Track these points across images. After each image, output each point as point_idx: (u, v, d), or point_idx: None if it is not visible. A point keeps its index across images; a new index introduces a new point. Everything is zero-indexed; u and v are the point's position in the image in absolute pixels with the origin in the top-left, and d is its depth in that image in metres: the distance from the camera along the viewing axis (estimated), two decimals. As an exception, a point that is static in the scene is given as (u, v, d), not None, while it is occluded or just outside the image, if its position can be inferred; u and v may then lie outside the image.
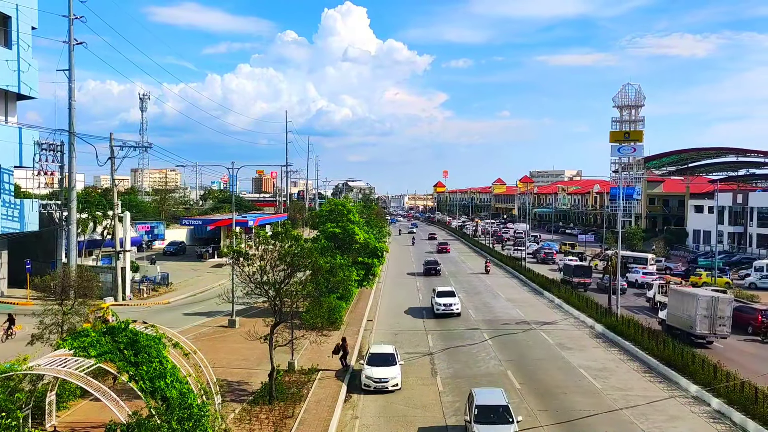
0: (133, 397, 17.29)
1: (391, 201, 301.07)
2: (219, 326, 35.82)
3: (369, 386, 24.51)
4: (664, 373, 27.26)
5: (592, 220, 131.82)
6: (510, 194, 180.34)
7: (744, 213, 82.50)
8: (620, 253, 43.14)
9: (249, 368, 26.83)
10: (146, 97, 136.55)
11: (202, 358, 19.99)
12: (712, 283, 53.37)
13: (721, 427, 21.24)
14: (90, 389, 14.87)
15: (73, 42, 41.19)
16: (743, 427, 21.01)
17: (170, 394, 15.73)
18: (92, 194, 76.34)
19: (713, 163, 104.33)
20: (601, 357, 30.50)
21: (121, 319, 17.65)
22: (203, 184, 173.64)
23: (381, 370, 24.67)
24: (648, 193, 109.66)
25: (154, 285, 48.58)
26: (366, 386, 24.62)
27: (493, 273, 64.40)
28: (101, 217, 51.24)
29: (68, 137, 41.69)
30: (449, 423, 21.42)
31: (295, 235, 25.64)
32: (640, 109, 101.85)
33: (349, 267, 37.86)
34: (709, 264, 63.97)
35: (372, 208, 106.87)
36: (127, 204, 69.68)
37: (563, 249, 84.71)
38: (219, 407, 19.56)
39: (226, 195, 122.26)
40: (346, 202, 48.81)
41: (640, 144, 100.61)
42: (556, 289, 48.05)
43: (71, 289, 26.10)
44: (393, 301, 46.33)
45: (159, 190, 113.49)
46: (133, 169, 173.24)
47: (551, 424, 21.10)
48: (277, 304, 22.95)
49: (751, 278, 57.13)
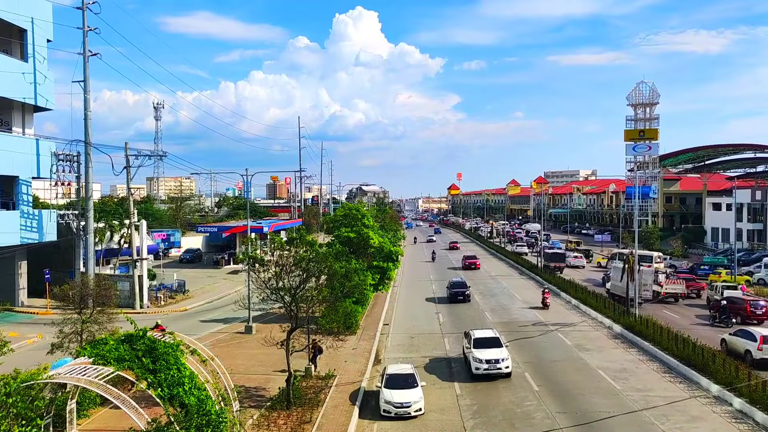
0: (152, 404, 17.40)
1: (405, 204, 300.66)
2: (236, 332, 35.96)
3: (389, 412, 22.33)
4: (684, 374, 26.95)
5: (608, 220, 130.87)
6: (525, 195, 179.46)
7: (763, 210, 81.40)
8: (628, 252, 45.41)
9: (266, 374, 26.91)
10: (160, 106, 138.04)
11: (219, 365, 20.08)
12: (732, 281, 52.83)
13: (744, 427, 20.95)
14: (109, 397, 14.98)
15: (88, 53, 41.62)
16: (766, 426, 20.71)
17: (189, 400, 15.80)
18: (109, 203, 77.26)
19: (730, 160, 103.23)
20: (619, 358, 30.22)
21: (139, 327, 17.77)
22: (218, 192, 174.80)
23: (401, 394, 22.55)
24: (664, 191, 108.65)
25: (171, 292, 48.91)
26: (386, 412, 22.44)
27: (509, 275, 64.10)
28: (118, 226, 51.70)
29: (84, 148, 42.13)
30: (467, 426, 21.33)
31: (310, 240, 25.70)
32: (654, 107, 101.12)
33: (365, 271, 37.86)
34: (715, 261, 64.19)
35: (386, 211, 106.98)
36: (144, 212, 70.25)
37: (569, 246, 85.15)
38: (237, 413, 19.63)
39: (241, 202, 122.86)
40: (360, 207, 48.94)
41: (655, 142, 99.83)
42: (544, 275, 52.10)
43: (90, 298, 26.33)
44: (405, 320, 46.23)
45: (174, 198, 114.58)
46: (149, 177, 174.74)
47: (570, 426, 20.94)
48: (293, 310, 23.01)
49: (760, 274, 56.65)
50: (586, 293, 45.80)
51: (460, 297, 46.27)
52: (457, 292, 46.86)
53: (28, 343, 33.43)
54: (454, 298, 46.53)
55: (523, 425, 21.08)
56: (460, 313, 42.54)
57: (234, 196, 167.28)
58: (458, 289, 47.27)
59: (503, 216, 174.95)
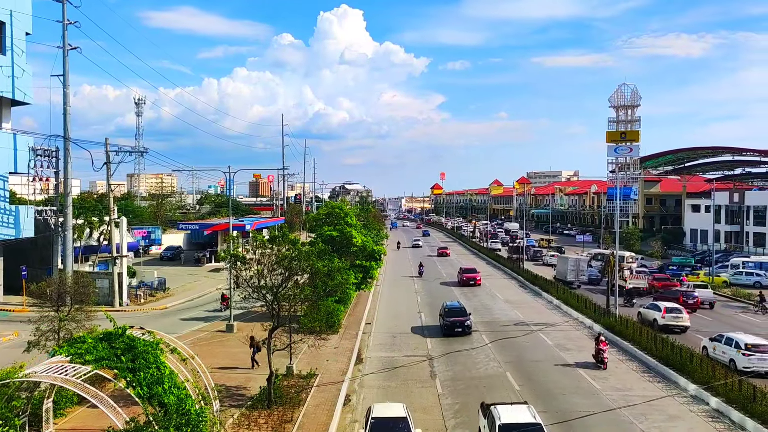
0: (130, 403, 17.20)
1: (389, 203, 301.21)
2: (217, 331, 35.71)
3: None
4: (662, 373, 27.26)
5: (590, 221, 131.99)
6: (507, 195, 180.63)
7: (740, 212, 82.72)
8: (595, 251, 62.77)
9: (247, 373, 26.74)
10: (142, 101, 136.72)
11: (200, 363, 19.90)
12: (710, 282, 53.65)
13: (720, 426, 21.23)
14: (87, 396, 14.78)
15: (68, 47, 41.02)
16: (742, 425, 21.00)
17: (168, 399, 15.64)
18: (88, 200, 76.29)
19: (709, 163, 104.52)
20: (599, 357, 30.47)
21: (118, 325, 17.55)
22: (200, 189, 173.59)
23: None
24: (645, 192, 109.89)
25: (151, 290, 48.43)
26: None
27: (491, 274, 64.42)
28: (97, 223, 51.06)
29: (63, 143, 41.54)
30: (448, 425, 21.37)
31: (293, 238, 25.57)
32: (636, 109, 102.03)
33: (347, 270, 37.78)
34: (683, 261, 67.18)
35: (369, 210, 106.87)
36: (124, 209, 69.48)
37: (542, 244, 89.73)
38: (217, 412, 19.47)
39: (223, 199, 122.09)
40: (343, 205, 48.81)
41: (636, 144, 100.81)
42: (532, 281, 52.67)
43: (67, 296, 25.96)
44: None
45: (155, 195, 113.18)
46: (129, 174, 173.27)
47: (551, 425, 21.03)
48: (274, 309, 22.89)
49: (725, 275, 58.13)
50: (567, 293, 46.25)
51: (458, 329, 34.89)
52: (453, 322, 35.16)
53: (4, 340, 32.91)
54: (450, 330, 35.05)
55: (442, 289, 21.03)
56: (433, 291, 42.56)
57: (216, 193, 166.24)
58: (455, 317, 35.42)
59: (486, 216, 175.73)
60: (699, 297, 44.22)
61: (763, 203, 79.18)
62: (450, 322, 35.16)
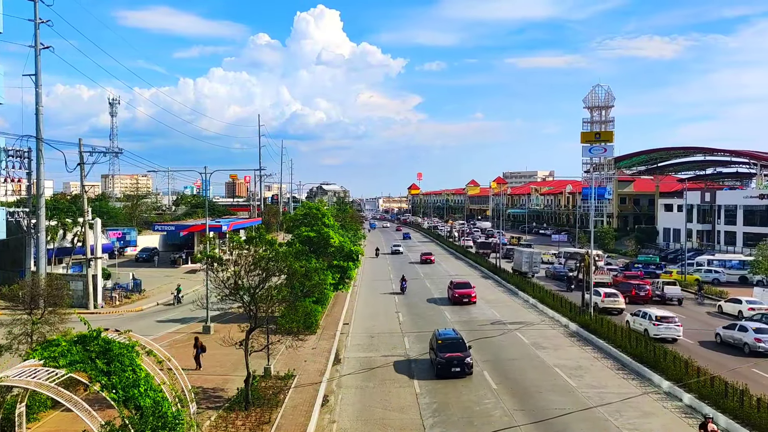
0: (105, 406, 17.03)
1: (366, 203, 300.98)
2: (194, 333, 35.35)
3: None
4: (637, 370, 27.67)
5: (566, 220, 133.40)
6: (484, 195, 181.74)
7: (712, 211, 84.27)
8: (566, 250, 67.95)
9: (225, 374, 26.58)
10: (116, 101, 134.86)
11: (176, 366, 19.74)
12: (683, 280, 54.67)
13: (693, 422, 21.60)
14: (61, 400, 14.58)
15: (40, 46, 40.40)
16: (714, 421, 21.39)
17: (144, 402, 15.49)
18: (61, 201, 75.20)
19: (682, 163, 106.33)
20: (575, 355, 30.86)
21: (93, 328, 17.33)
22: (176, 190, 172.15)
23: None
24: (619, 192, 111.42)
25: (126, 292, 47.85)
26: None
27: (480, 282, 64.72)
28: (71, 224, 50.34)
29: (36, 143, 40.89)
30: (426, 424, 21.47)
31: (270, 239, 25.47)
32: (610, 110, 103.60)
33: (325, 271, 37.70)
34: (647, 260, 69.86)
35: (347, 211, 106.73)
36: (98, 210, 68.55)
37: (512, 241, 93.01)
38: (194, 415, 19.34)
39: (200, 200, 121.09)
40: (320, 206, 48.72)
41: (610, 144, 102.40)
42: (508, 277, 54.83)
43: (41, 298, 25.56)
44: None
45: (130, 196, 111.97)
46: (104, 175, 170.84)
47: (528, 423, 21.27)
48: (252, 310, 22.79)
49: (697, 274, 58.99)
50: (543, 292, 46.75)
51: (456, 368, 26.95)
52: (450, 359, 26.97)
53: (-25, 345, 32.22)
54: (446, 370, 27.03)
55: (482, 423, 21.31)
56: (420, 312, 42.72)
57: (192, 194, 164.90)
58: (451, 353, 27.25)
59: (463, 216, 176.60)
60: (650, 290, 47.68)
61: (733, 203, 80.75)
62: (445, 359, 26.97)
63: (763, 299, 43.47)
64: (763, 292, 45.36)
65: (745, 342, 31.71)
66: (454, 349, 27.74)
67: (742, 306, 41.16)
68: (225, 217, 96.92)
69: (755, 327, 32.21)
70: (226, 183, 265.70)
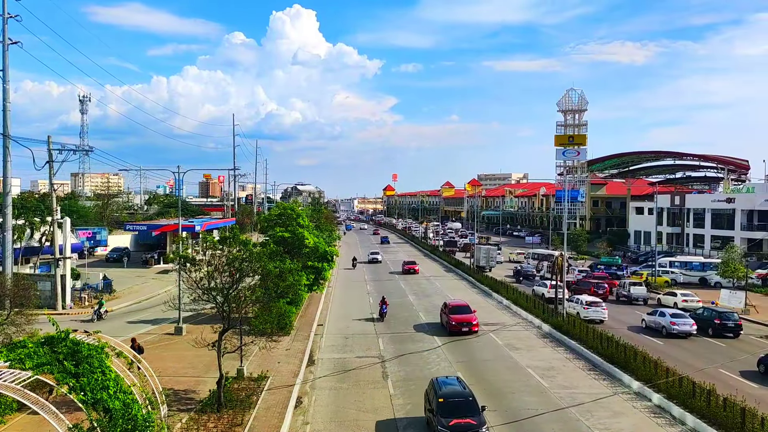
0: (73, 409, 16.70)
1: (341, 204, 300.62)
2: (165, 334, 34.98)
3: None
4: (608, 371, 28.03)
5: (539, 222, 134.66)
6: (459, 197, 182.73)
7: (681, 214, 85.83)
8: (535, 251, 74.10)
9: (197, 376, 26.28)
10: (86, 99, 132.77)
11: (147, 367, 19.46)
12: (653, 282, 55.65)
13: (662, 421, 21.97)
14: (27, 402, 14.25)
15: (8, 41, 39.56)
16: (682, 420, 21.80)
17: (113, 405, 15.24)
18: (29, 199, 73.68)
19: (652, 166, 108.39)
20: (548, 356, 31.14)
21: (60, 329, 17.00)
22: (148, 189, 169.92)
23: None
24: (591, 195, 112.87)
25: (96, 293, 47.04)
26: None
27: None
28: (39, 223, 49.32)
29: (2, 140, 40.00)
30: (400, 426, 21.46)
31: (244, 239, 25.26)
32: (583, 114, 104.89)
33: (299, 271, 37.57)
34: (610, 261, 71.49)
35: (321, 211, 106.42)
36: (67, 209, 67.38)
37: (481, 241, 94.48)
38: (165, 417, 19.07)
39: (172, 200, 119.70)
40: (295, 206, 48.50)
41: (583, 147, 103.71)
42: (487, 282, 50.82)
43: (6, 299, 25.04)
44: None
45: (101, 195, 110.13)
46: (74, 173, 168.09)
47: (501, 424, 21.39)
48: (225, 310, 22.57)
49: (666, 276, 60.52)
50: (517, 294, 47.14)
51: None
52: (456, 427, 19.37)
53: (-62, 346, 31.41)
54: None
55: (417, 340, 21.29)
56: (392, 311, 42.72)
57: (165, 193, 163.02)
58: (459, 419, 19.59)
59: (438, 217, 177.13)
60: (608, 288, 51.39)
61: (702, 206, 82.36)
62: (450, 427, 19.33)
63: (730, 301, 44.90)
64: (730, 294, 46.37)
65: (663, 326, 37.34)
66: (463, 411, 19.78)
67: (677, 298, 46.07)
68: (198, 217, 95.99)
69: (671, 313, 38.12)
70: (200, 183, 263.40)
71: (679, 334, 36.36)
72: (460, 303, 39.21)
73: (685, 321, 37.02)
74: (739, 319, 37.97)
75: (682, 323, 36.76)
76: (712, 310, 39.61)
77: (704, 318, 38.26)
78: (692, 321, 37.13)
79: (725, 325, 36.95)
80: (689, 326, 36.65)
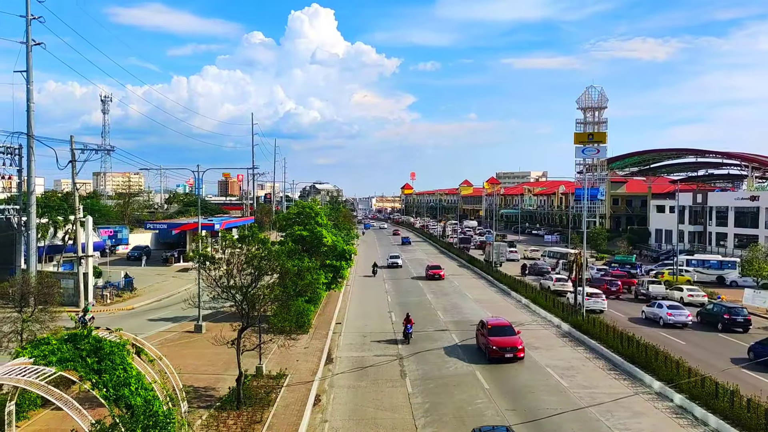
0: (96, 405, 16.92)
1: (359, 203, 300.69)
2: (185, 332, 35.29)
3: None
4: (628, 371, 27.76)
5: (558, 221, 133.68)
6: (477, 195, 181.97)
7: (703, 212, 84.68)
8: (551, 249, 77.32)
9: (216, 373, 26.49)
10: (108, 99, 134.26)
11: (167, 364, 19.65)
12: (674, 281, 55.03)
13: (684, 422, 21.71)
14: (51, 398, 14.48)
15: (31, 43, 40.09)
16: (704, 421, 21.51)
17: (135, 401, 15.42)
18: (53, 198, 74.63)
19: (674, 164, 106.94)
20: (567, 356, 30.92)
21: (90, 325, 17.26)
22: (168, 188, 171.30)
23: None
24: (611, 193, 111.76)
25: (117, 290, 47.62)
26: None
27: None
28: (62, 222, 50.04)
29: (27, 140, 40.57)
30: (418, 424, 21.46)
31: (262, 238, 25.40)
32: (603, 111, 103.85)
33: (317, 270, 37.67)
34: (624, 259, 71.27)
35: (340, 210, 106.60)
36: (89, 208, 68.17)
37: (497, 239, 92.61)
38: (185, 414, 19.25)
39: (192, 198, 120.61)
40: (313, 205, 48.60)
41: (603, 145, 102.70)
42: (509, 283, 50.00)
43: (31, 296, 25.42)
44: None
45: (122, 194, 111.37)
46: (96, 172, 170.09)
47: (519, 423, 21.28)
48: (244, 309, 22.71)
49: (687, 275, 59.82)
50: (536, 292, 46.92)
51: None
52: None
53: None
54: None
55: (474, 422, 21.28)
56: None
57: (185, 192, 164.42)
58: None
59: (456, 216, 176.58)
60: (620, 286, 52.76)
61: (725, 204, 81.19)
62: None
63: (754, 301, 44.60)
64: (754, 293, 45.73)
65: (660, 316, 39.82)
66: None
67: (683, 293, 48.16)
68: (217, 215, 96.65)
69: (668, 305, 40.76)
70: (219, 181, 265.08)
71: (675, 324, 38.67)
72: (501, 322, 32.21)
73: (681, 312, 39.49)
74: (748, 314, 38.71)
75: (678, 314, 39.23)
76: (721, 305, 40.76)
77: (713, 313, 39.69)
78: (688, 312, 39.82)
79: (734, 320, 37.97)
80: (684, 317, 39.11)
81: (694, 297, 47.38)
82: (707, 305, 42.66)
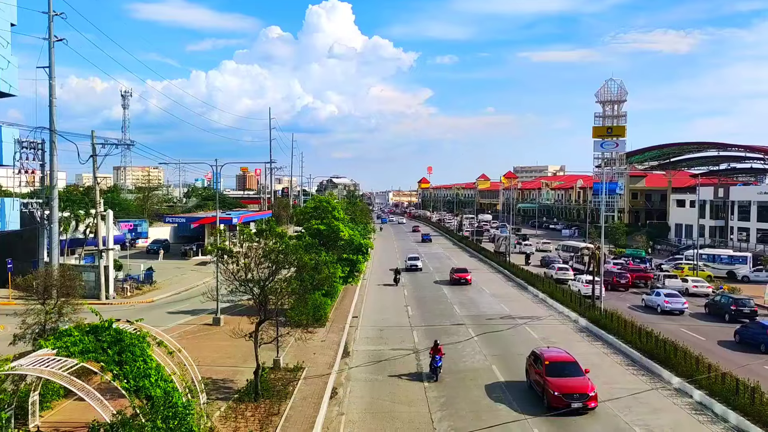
0: (117, 396, 17.18)
1: (376, 197, 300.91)
2: (203, 324, 35.65)
3: None
4: (647, 366, 27.57)
5: (576, 215, 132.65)
6: (494, 190, 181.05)
7: (725, 207, 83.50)
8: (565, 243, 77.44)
9: (234, 366, 26.74)
10: (128, 94, 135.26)
11: (186, 357, 19.89)
12: (694, 276, 54.47)
13: (703, 418, 21.53)
14: (73, 389, 14.75)
15: (53, 39, 40.60)
16: (724, 417, 21.32)
17: (155, 392, 15.65)
18: (74, 192, 75.58)
19: (694, 158, 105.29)
20: (585, 351, 30.70)
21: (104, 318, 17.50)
22: (187, 182, 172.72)
23: None
24: (630, 187, 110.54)
25: (137, 283, 48.19)
26: None
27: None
28: (83, 216, 50.70)
29: (49, 135, 41.16)
30: (434, 417, 21.51)
31: (280, 232, 25.56)
32: (622, 105, 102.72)
33: (334, 264, 37.83)
34: (635, 253, 71.80)
35: (356, 204, 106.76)
36: (110, 202, 68.90)
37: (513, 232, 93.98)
38: (204, 405, 19.49)
39: (210, 192, 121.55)
40: (330, 199, 48.72)
41: (622, 139, 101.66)
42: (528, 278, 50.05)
43: (54, 289, 25.82)
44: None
45: (142, 188, 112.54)
46: (116, 166, 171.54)
47: (536, 417, 21.23)
48: (261, 302, 22.89)
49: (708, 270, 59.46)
50: (553, 287, 46.71)
51: None
52: None
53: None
54: None
55: (490, 417, 21.31)
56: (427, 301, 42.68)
57: (203, 186, 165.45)
58: None
59: (473, 210, 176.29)
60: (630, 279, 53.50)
61: (747, 198, 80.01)
62: None
63: None
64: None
65: (658, 304, 41.94)
66: None
67: (688, 284, 50.14)
68: (235, 209, 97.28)
69: (665, 293, 43.04)
70: (237, 175, 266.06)
71: (672, 311, 40.89)
72: (563, 357, 24.19)
73: (677, 300, 41.69)
74: (755, 306, 39.85)
75: (675, 302, 41.44)
76: (728, 296, 41.70)
77: (721, 304, 40.72)
78: (684, 300, 42.11)
79: (741, 311, 39.00)
80: (681, 305, 41.23)
81: (698, 288, 49.45)
82: (714, 296, 43.85)
